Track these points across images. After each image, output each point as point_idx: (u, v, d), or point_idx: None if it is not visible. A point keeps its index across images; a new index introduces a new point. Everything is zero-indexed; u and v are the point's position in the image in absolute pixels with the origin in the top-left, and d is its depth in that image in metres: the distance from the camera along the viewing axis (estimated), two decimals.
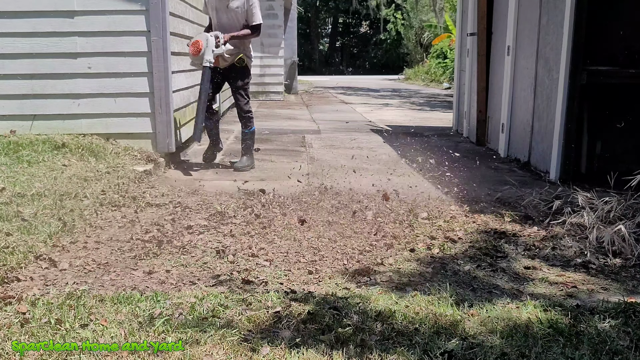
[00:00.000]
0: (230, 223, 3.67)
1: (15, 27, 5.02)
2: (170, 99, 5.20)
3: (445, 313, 2.44)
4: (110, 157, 4.87)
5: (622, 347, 2.19)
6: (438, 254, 3.25)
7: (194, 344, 2.14)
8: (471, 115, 7.45)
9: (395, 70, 29.97)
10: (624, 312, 2.46)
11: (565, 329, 2.32)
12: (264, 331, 2.27)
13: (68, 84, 5.14)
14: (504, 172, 5.42)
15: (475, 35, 7.14)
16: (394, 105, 13.14)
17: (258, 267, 2.99)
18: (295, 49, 16.23)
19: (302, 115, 10.45)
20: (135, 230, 3.49)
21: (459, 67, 8.24)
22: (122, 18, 5.06)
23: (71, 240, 3.26)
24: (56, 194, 3.87)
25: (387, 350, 2.13)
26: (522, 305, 2.55)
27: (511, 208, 4.16)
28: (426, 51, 26.06)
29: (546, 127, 5.27)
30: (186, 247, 3.23)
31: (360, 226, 3.66)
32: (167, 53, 5.11)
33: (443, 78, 20.88)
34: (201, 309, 2.43)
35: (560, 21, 4.90)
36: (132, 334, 2.21)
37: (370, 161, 5.89)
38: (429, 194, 4.48)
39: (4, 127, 5.13)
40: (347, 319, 2.37)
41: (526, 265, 3.10)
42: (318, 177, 5.20)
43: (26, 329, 2.22)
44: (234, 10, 5.19)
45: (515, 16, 5.99)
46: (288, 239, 3.41)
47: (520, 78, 5.97)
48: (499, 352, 2.14)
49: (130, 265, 2.98)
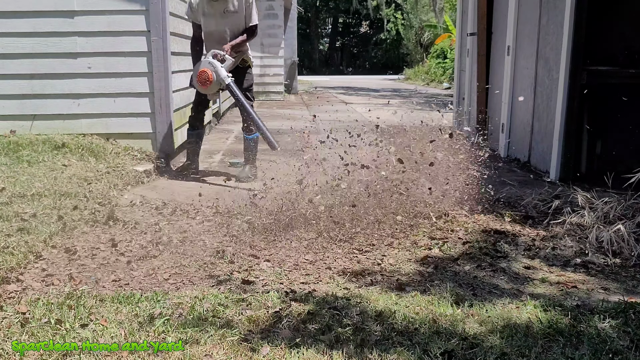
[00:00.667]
0: (230, 223, 3.66)
1: (15, 27, 5.03)
2: (170, 99, 5.20)
3: (445, 313, 2.44)
4: (110, 157, 4.87)
5: (622, 347, 2.19)
6: (438, 254, 3.25)
7: (194, 344, 2.14)
8: (471, 115, 7.45)
9: (395, 70, 29.98)
10: (624, 312, 2.46)
11: (565, 329, 2.32)
12: (264, 331, 2.27)
13: (68, 84, 5.15)
14: (503, 172, 5.41)
15: (475, 35, 7.14)
16: (394, 105, 13.09)
17: (258, 267, 2.99)
18: (295, 49, 16.23)
19: (302, 115, 10.43)
20: (136, 231, 3.49)
21: (459, 67, 8.24)
22: (122, 18, 5.06)
23: (71, 240, 3.26)
24: (56, 194, 3.87)
25: (386, 350, 2.13)
26: (522, 305, 2.54)
27: (511, 208, 4.16)
28: (426, 51, 26.06)
29: (546, 127, 5.27)
30: (186, 247, 3.23)
31: (361, 226, 3.66)
32: (167, 53, 5.11)
33: (443, 78, 20.87)
34: (201, 309, 2.42)
35: (560, 21, 4.90)
36: (132, 334, 2.21)
37: (370, 161, 5.87)
38: (429, 194, 4.48)
39: (4, 127, 5.13)
40: (347, 318, 2.37)
41: (526, 265, 3.10)
42: (318, 176, 5.18)
43: (26, 329, 2.21)
44: (233, 15, 4.80)
45: (515, 16, 5.99)
46: (288, 239, 3.41)
47: (520, 78, 5.97)
48: (499, 352, 2.14)
49: (130, 266, 2.98)
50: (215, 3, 4.74)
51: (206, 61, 4.67)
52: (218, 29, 4.84)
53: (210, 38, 4.87)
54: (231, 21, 4.83)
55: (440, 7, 22.62)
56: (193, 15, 4.88)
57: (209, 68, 4.60)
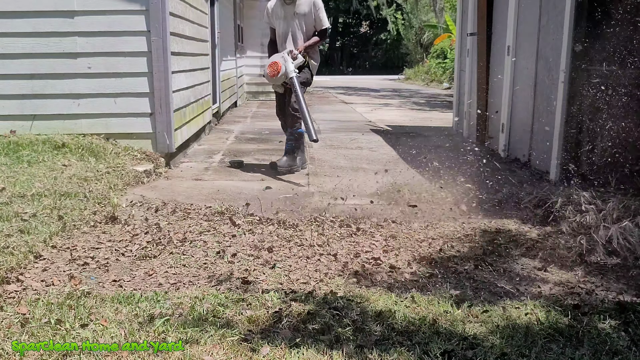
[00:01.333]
0: (230, 223, 3.66)
1: (15, 27, 5.03)
2: (170, 99, 5.20)
3: (445, 313, 2.44)
4: (110, 157, 4.87)
5: (622, 347, 2.19)
6: (438, 253, 3.25)
7: (194, 344, 2.14)
8: (471, 115, 7.45)
9: (395, 70, 29.97)
10: (624, 312, 2.46)
11: (565, 329, 2.32)
12: (264, 331, 2.27)
13: (68, 84, 5.15)
14: (503, 172, 5.41)
15: (475, 35, 7.14)
16: (394, 105, 13.13)
17: (258, 267, 2.99)
18: None
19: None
20: (135, 231, 3.49)
21: (459, 67, 8.24)
22: (122, 18, 5.06)
23: (71, 240, 3.27)
24: (56, 194, 3.87)
25: (386, 350, 2.13)
26: (522, 305, 2.54)
27: (511, 208, 4.16)
28: (426, 51, 26.07)
29: (546, 127, 5.27)
30: (186, 248, 3.23)
31: (360, 226, 3.66)
32: (167, 53, 5.11)
33: (443, 78, 20.88)
34: (201, 309, 2.43)
35: (560, 21, 4.90)
36: (132, 334, 2.21)
37: (370, 161, 5.89)
38: (429, 194, 4.48)
39: (4, 127, 5.13)
40: (347, 318, 2.37)
41: (526, 265, 3.10)
42: (318, 177, 5.20)
43: (26, 329, 2.21)
44: (302, 17, 5.16)
45: (515, 16, 5.99)
46: (288, 239, 3.41)
47: (520, 78, 5.97)
48: (499, 352, 2.14)
49: (130, 266, 2.98)
50: (287, 6, 5.17)
51: (280, 55, 5.08)
52: (289, 30, 5.21)
53: (283, 39, 5.24)
54: (301, 23, 5.21)
55: (440, 7, 22.63)
56: (269, 20, 5.34)
57: (280, 61, 4.99)
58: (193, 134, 6.45)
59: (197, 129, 6.70)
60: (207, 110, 7.48)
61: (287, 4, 5.15)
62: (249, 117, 10.16)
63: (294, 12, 5.17)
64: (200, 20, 6.95)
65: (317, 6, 5.19)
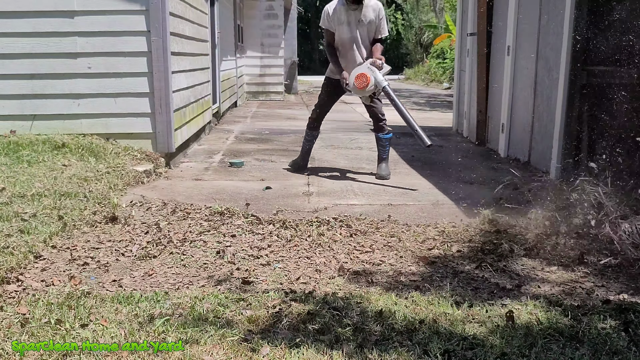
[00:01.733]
0: (230, 223, 3.67)
1: (15, 27, 5.03)
2: (170, 99, 5.20)
3: (445, 313, 2.44)
4: (110, 157, 4.87)
5: (622, 347, 2.19)
6: (438, 254, 3.25)
7: (194, 344, 2.14)
8: (471, 115, 7.45)
9: (395, 70, 29.94)
10: (624, 312, 2.46)
11: (565, 329, 2.32)
12: (264, 331, 2.27)
13: (68, 84, 5.15)
14: (503, 171, 5.42)
15: (475, 35, 7.14)
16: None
17: (258, 267, 2.99)
18: (295, 49, 16.24)
19: (302, 115, 10.43)
20: (136, 231, 3.49)
21: (459, 67, 8.24)
22: (122, 18, 5.06)
23: (71, 240, 3.27)
24: (56, 194, 3.87)
25: (386, 350, 2.13)
26: (522, 305, 2.54)
27: (511, 208, 4.16)
28: (426, 51, 26.09)
29: (546, 127, 5.27)
30: (186, 248, 3.23)
31: (360, 226, 3.67)
32: (167, 53, 5.11)
33: (443, 78, 20.89)
34: (201, 309, 2.43)
35: (560, 21, 4.90)
36: (132, 334, 2.21)
37: (370, 161, 5.88)
38: (429, 194, 4.49)
39: (4, 127, 5.13)
40: (347, 318, 2.37)
41: (526, 265, 3.10)
42: (318, 177, 5.20)
43: (26, 329, 2.21)
44: (367, 24, 5.02)
45: (515, 16, 5.99)
46: (288, 239, 3.41)
47: (520, 78, 5.97)
48: (499, 352, 2.13)
49: (130, 266, 2.98)
50: (353, 12, 5.00)
51: (365, 66, 4.90)
52: (352, 36, 5.06)
53: (349, 45, 5.09)
54: (364, 30, 5.07)
55: (440, 7, 22.65)
56: (328, 24, 5.15)
57: (368, 72, 4.83)
58: (193, 134, 6.46)
59: (197, 129, 6.70)
60: (207, 110, 7.48)
61: (353, 9, 4.98)
62: (249, 117, 10.16)
63: (359, 18, 5.01)
64: (200, 20, 6.95)
65: (382, 14, 5.11)
